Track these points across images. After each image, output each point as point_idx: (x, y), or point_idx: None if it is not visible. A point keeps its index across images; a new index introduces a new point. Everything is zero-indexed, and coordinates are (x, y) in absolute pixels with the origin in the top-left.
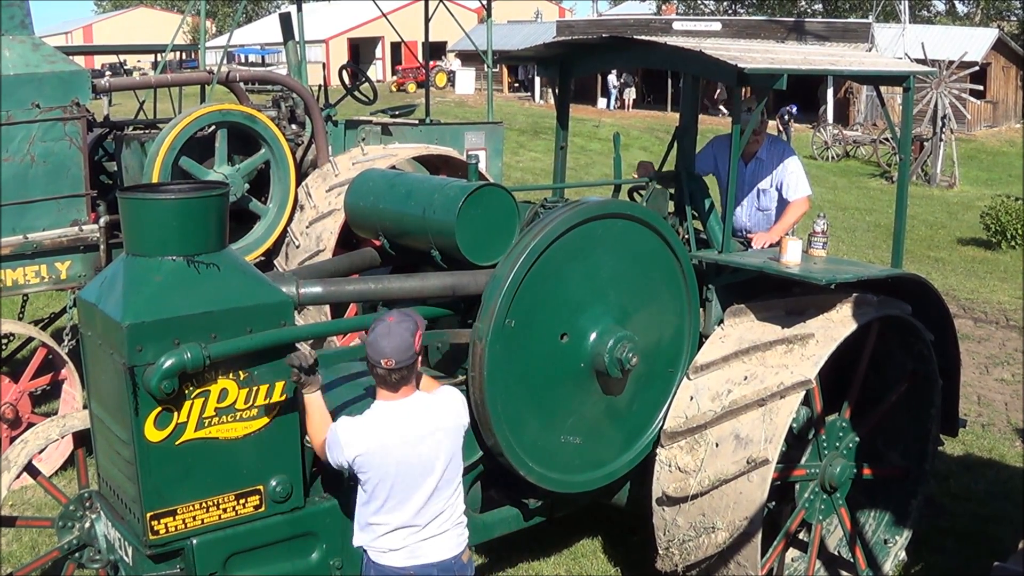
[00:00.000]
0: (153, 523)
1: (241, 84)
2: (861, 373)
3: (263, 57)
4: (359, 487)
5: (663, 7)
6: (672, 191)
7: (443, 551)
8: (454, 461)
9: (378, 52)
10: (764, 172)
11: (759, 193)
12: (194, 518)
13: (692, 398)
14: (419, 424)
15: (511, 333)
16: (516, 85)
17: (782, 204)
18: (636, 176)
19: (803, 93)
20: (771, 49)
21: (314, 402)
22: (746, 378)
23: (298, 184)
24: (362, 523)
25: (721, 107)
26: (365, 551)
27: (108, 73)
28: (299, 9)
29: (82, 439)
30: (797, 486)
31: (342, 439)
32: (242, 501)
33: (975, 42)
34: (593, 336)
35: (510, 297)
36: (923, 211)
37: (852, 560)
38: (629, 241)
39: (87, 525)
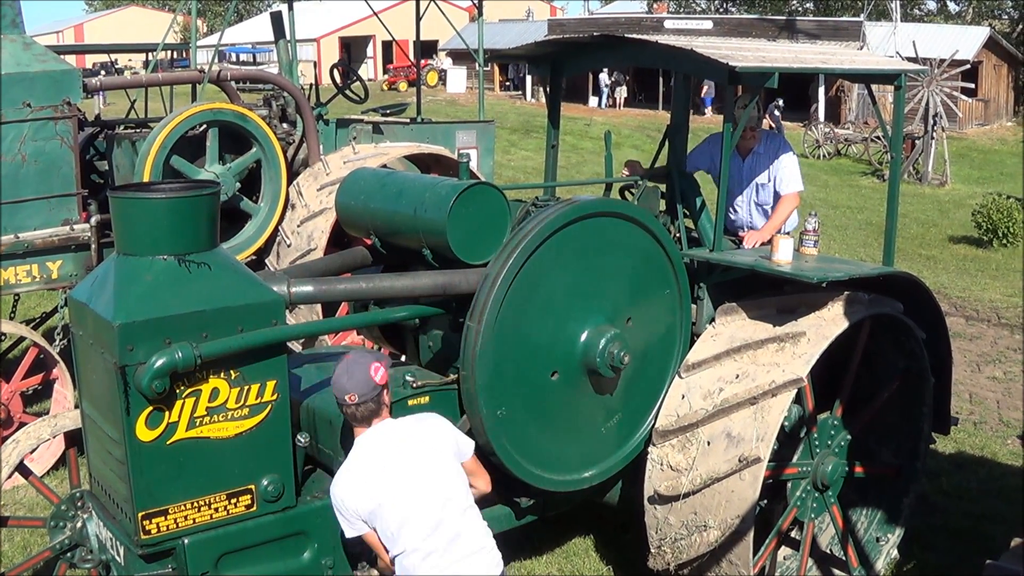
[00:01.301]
0: (145, 523)
1: (232, 83)
2: (853, 371)
3: (254, 56)
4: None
5: (655, 5)
6: (663, 189)
7: (484, 571)
8: (452, 469)
9: (369, 51)
10: (761, 167)
11: (757, 188)
12: (186, 518)
13: (684, 396)
14: (400, 442)
15: (503, 332)
16: (507, 84)
17: (778, 198)
18: (625, 175)
19: (794, 91)
20: (762, 47)
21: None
22: (738, 376)
23: (289, 183)
24: (397, 565)
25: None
26: None
27: (102, 73)
28: (290, 8)
29: (74, 439)
30: (789, 484)
31: (337, 501)
32: (234, 500)
33: (966, 40)
34: (585, 335)
35: (502, 296)
36: (915, 209)
37: (844, 558)
38: (620, 240)
39: (79, 525)
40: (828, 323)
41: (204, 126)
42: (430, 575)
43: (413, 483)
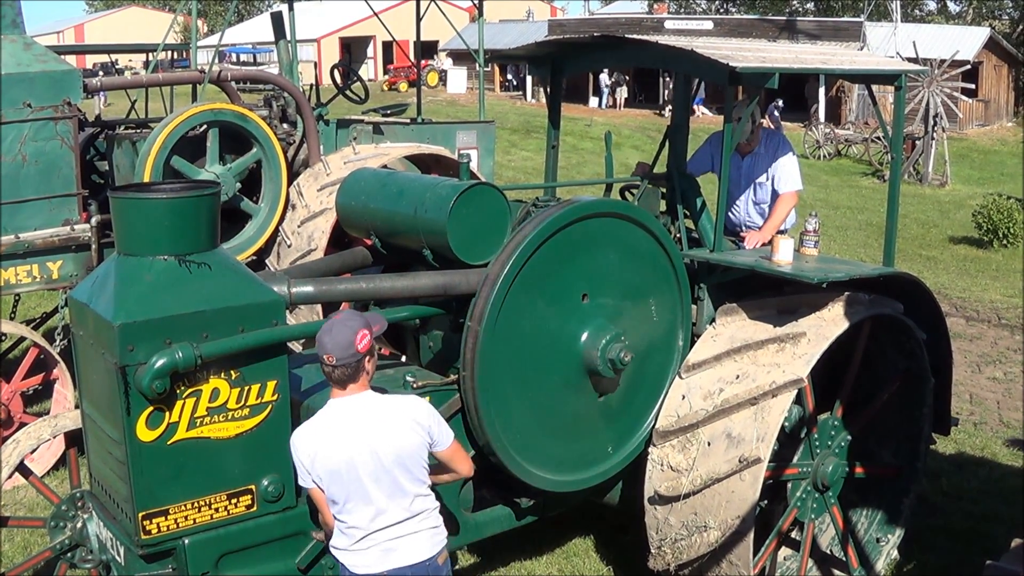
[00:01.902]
0: (145, 523)
1: (233, 83)
2: (853, 372)
3: (255, 56)
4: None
5: (655, 6)
6: (664, 190)
7: (416, 553)
8: (414, 460)
9: (370, 51)
10: (760, 166)
11: (756, 187)
12: (186, 518)
13: (684, 397)
14: (368, 419)
15: (503, 333)
16: (508, 84)
17: (775, 197)
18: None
19: (793, 92)
20: (763, 48)
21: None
22: (738, 377)
23: (290, 183)
24: (336, 530)
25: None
26: (341, 562)
27: (101, 73)
28: (291, 8)
29: (74, 439)
30: (789, 485)
31: (294, 452)
32: (234, 501)
33: (967, 41)
34: (585, 335)
35: (502, 296)
36: (915, 210)
37: (844, 559)
38: (621, 240)
39: (79, 525)
40: (828, 323)
41: (204, 126)
42: (356, 550)
43: (371, 467)
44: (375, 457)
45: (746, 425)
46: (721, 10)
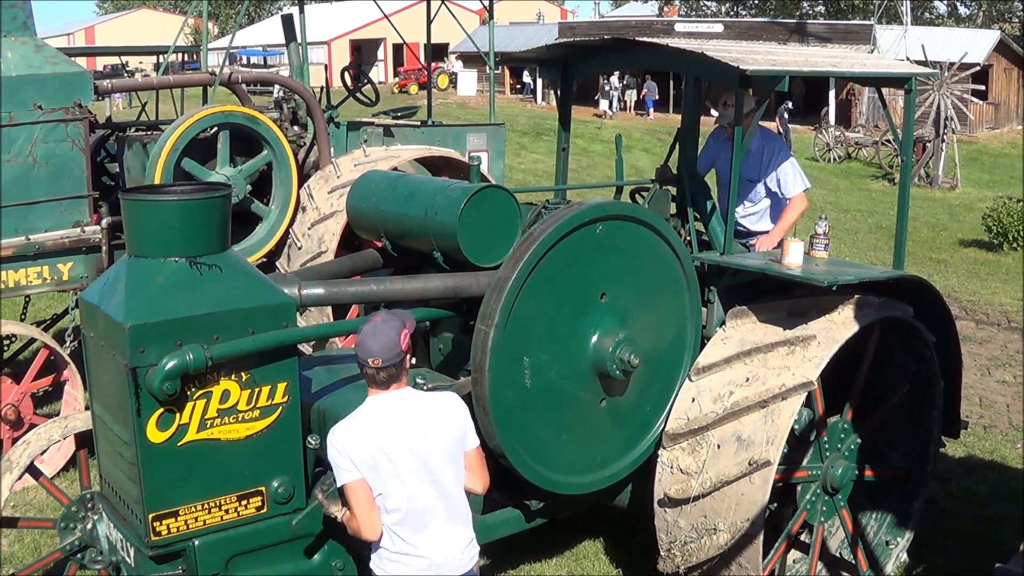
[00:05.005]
0: (155, 524)
1: (243, 85)
2: (863, 375)
3: (265, 59)
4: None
5: (665, 9)
6: (674, 192)
7: (455, 549)
8: (456, 460)
9: (380, 53)
10: (753, 163)
11: (746, 184)
12: (196, 519)
13: (694, 400)
14: (412, 415)
15: (513, 335)
16: (518, 87)
17: (772, 198)
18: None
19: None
20: (773, 51)
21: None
22: (748, 380)
23: (300, 185)
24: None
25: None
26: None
27: (126, 73)
28: (301, 11)
29: (84, 440)
30: (799, 488)
31: (336, 446)
32: (244, 502)
33: (977, 44)
34: (595, 337)
35: (512, 299)
36: (925, 213)
37: (854, 562)
38: (631, 243)
39: (89, 526)
40: (838, 326)
41: (215, 128)
42: (399, 560)
43: (417, 465)
44: (423, 459)
45: (756, 428)
46: (731, 13)
